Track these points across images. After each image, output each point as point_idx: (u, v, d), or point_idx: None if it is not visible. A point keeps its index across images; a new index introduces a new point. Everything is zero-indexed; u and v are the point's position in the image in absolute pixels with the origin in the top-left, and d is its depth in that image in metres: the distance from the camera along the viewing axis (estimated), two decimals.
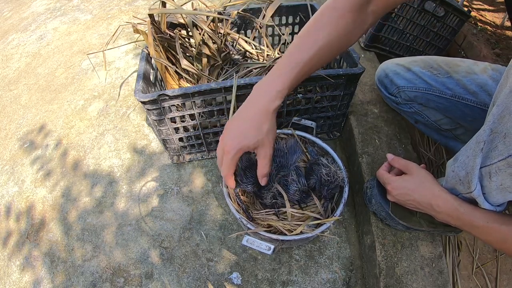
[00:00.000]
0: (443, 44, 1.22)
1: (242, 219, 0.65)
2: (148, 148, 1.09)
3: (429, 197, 0.59)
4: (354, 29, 0.57)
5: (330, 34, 0.55)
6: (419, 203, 0.60)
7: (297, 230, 0.64)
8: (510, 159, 0.42)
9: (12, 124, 1.29)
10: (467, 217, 0.54)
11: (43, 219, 0.96)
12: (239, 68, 1.00)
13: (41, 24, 1.93)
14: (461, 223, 0.56)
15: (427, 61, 0.80)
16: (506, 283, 0.76)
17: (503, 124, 0.43)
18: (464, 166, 0.51)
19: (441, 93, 0.76)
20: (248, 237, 0.63)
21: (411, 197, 0.61)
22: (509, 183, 0.43)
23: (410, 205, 0.64)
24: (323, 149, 0.79)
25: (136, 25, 0.88)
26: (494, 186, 0.46)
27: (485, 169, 0.47)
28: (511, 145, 0.42)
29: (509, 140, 0.42)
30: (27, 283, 0.84)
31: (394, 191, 0.64)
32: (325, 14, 0.57)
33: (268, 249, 0.61)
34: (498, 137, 0.44)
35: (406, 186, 0.62)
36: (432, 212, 0.60)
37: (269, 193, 0.68)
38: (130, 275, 0.82)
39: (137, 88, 0.77)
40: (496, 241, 0.53)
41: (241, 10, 1.00)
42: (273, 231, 0.67)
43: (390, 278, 0.67)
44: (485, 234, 0.53)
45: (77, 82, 1.42)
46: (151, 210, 0.93)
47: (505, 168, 0.43)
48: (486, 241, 0.55)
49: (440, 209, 0.57)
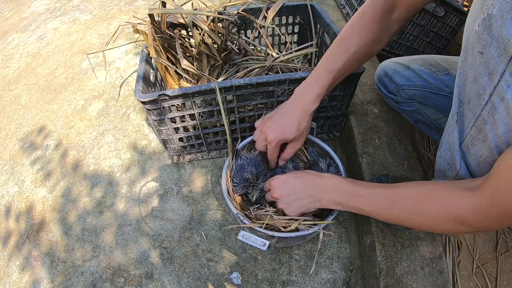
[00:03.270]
0: (443, 44, 1.22)
1: (239, 215, 0.66)
2: (148, 148, 1.09)
3: (314, 177, 0.62)
4: (381, 36, 0.62)
5: (360, 42, 0.62)
6: (306, 186, 0.62)
7: (292, 227, 0.64)
8: (477, 123, 0.43)
9: (12, 124, 1.29)
10: (352, 187, 0.57)
11: (43, 219, 0.96)
12: (239, 68, 1.00)
13: (41, 24, 1.93)
14: (346, 197, 0.57)
15: (426, 59, 0.80)
16: (506, 283, 0.76)
17: (465, 91, 0.45)
18: (448, 146, 0.51)
19: (439, 91, 0.76)
20: (244, 232, 0.63)
21: (297, 182, 0.63)
22: (486, 153, 0.43)
23: (297, 195, 0.62)
24: (323, 149, 0.79)
25: (136, 25, 0.88)
26: (475, 161, 0.46)
27: (464, 143, 0.48)
28: (474, 108, 0.43)
29: (472, 104, 0.43)
30: (27, 283, 0.84)
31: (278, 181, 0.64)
32: (355, 23, 0.63)
33: (263, 245, 0.61)
34: (465, 105, 0.46)
35: (289, 175, 0.65)
36: (319, 194, 0.61)
37: (255, 191, 0.69)
38: (130, 275, 0.82)
39: (137, 88, 0.77)
40: (383, 207, 0.52)
41: (241, 10, 1.00)
42: (270, 228, 0.67)
43: (390, 278, 0.67)
44: (371, 203, 0.54)
45: (77, 82, 1.42)
46: (151, 210, 0.93)
47: (477, 135, 0.44)
48: (373, 212, 0.55)
49: (326, 185, 0.60)
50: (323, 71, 0.64)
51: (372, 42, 0.63)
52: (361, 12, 0.63)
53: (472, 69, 0.42)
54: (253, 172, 0.70)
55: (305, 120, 0.65)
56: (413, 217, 0.49)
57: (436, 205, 0.46)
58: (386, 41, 0.65)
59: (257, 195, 0.70)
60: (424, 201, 0.47)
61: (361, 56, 0.65)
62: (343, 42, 0.64)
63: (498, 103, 0.39)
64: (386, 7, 0.60)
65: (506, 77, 0.37)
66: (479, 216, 0.41)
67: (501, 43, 0.36)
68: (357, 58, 0.64)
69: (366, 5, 0.62)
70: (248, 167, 0.71)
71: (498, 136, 0.40)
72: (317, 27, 1.04)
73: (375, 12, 0.61)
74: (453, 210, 0.44)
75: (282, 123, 0.66)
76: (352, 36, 0.63)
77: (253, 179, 0.70)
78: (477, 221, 0.42)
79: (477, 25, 0.39)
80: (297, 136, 0.66)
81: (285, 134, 0.65)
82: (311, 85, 0.65)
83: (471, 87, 0.44)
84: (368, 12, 0.62)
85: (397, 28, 0.63)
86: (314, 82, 0.65)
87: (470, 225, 0.43)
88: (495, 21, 0.37)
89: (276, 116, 0.68)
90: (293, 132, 0.65)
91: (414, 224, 0.50)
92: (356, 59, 0.64)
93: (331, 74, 0.63)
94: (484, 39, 0.39)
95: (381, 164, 0.85)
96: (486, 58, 0.39)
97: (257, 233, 0.64)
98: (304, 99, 0.65)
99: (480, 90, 0.42)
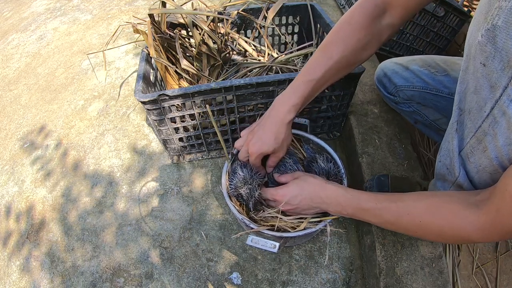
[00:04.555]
0: (443, 44, 1.22)
1: (244, 220, 0.65)
2: (148, 148, 1.09)
3: (318, 190, 0.61)
4: (369, 43, 0.58)
5: (344, 50, 0.58)
6: (311, 199, 0.61)
7: (301, 226, 0.64)
8: (478, 134, 0.43)
9: (12, 124, 1.29)
10: (354, 201, 0.56)
11: (43, 219, 0.96)
12: (239, 68, 1.00)
13: (41, 24, 1.93)
14: (351, 209, 0.57)
15: (426, 60, 0.80)
16: (506, 283, 0.76)
17: (466, 101, 0.44)
18: (447, 152, 0.51)
19: (438, 92, 0.76)
20: (253, 237, 0.63)
21: (302, 196, 0.62)
22: (486, 162, 0.43)
23: (303, 206, 0.63)
24: (319, 146, 0.79)
25: (136, 25, 0.88)
26: (474, 168, 0.46)
27: (463, 151, 0.47)
28: (475, 119, 0.42)
29: (473, 114, 0.43)
30: (27, 283, 0.84)
31: (285, 197, 0.63)
32: (341, 29, 0.59)
33: (273, 247, 0.62)
34: (465, 115, 0.45)
35: (294, 189, 0.63)
36: (323, 206, 0.61)
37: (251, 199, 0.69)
38: (130, 275, 0.82)
39: (137, 88, 0.77)
40: (389, 221, 0.53)
41: (241, 10, 1.00)
42: (276, 229, 0.67)
43: (390, 278, 0.67)
44: (377, 216, 0.54)
45: (77, 82, 1.42)
46: (151, 210, 0.93)
47: (477, 145, 0.44)
48: (379, 224, 0.55)
49: (330, 199, 0.59)
50: (302, 81, 0.61)
51: (359, 49, 0.58)
52: (349, 16, 0.58)
53: (474, 80, 0.41)
54: (245, 171, 0.70)
55: (282, 132, 0.63)
56: (419, 231, 0.50)
57: (441, 222, 0.46)
58: (375, 49, 0.61)
59: (254, 196, 0.69)
60: (429, 217, 0.48)
61: (345, 65, 0.60)
62: (326, 49, 0.60)
63: (500, 117, 0.38)
64: (376, 11, 0.56)
65: (508, 92, 0.36)
66: (482, 233, 0.42)
67: (505, 56, 0.35)
68: (340, 67, 0.60)
69: (355, 8, 0.58)
70: (242, 168, 0.70)
71: (498, 148, 0.40)
72: (317, 27, 1.05)
73: (364, 17, 0.56)
74: (457, 227, 0.44)
75: (260, 136, 0.64)
76: (337, 42, 0.59)
77: (247, 180, 0.69)
78: (479, 237, 0.43)
79: (481, 35, 0.38)
80: (276, 149, 0.65)
81: (263, 147, 0.64)
82: (289, 95, 0.62)
83: (472, 98, 0.43)
84: (356, 16, 0.57)
85: (388, 34, 0.59)
86: (292, 92, 0.62)
87: (473, 240, 0.44)
88: (499, 33, 0.35)
89: (257, 128, 0.66)
90: (271, 145, 0.64)
91: (421, 237, 0.52)
92: (339, 68, 0.60)
93: (310, 84, 0.60)
94: (487, 50, 0.37)
95: (381, 164, 0.85)
96: (488, 71, 0.38)
97: (264, 236, 0.64)
98: (280, 109, 0.63)
99: (481, 101, 0.41)
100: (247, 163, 0.71)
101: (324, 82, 0.62)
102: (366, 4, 0.56)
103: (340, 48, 0.58)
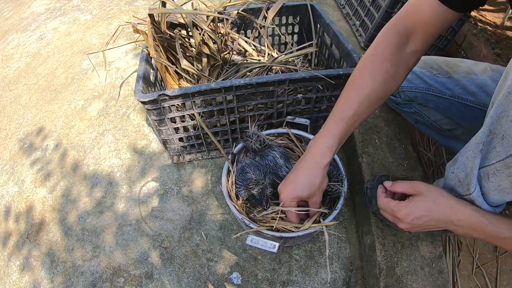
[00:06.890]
0: (443, 44, 1.22)
1: (244, 219, 0.65)
2: (148, 148, 1.09)
3: (448, 213, 0.54)
4: (396, 72, 0.57)
5: (373, 83, 0.57)
6: (438, 221, 0.55)
7: (305, 226, 0.64)
8: (507, 161, 0.42)
9: (12, 124, 1.29)
10: (493, 229, 0.50)
11: (43, 219, 0.96)
12: (239, 68, 1.00)
13: (41, 24, 1.93)
14: (485, 235, 0.52)
15: (427, 62, 0.80)
16: (506, 283, 0.76)
17: (501, 125, 0.43)
18: (464, 167, 0.50)
19: (440, 93, 0.76)
20: (252, 236, 0.63)
21: (429, 217, 0.55)
22: (507, 185, 0.43)
23: (427, 227, 0.57)
24: None
25: (136, 25, 0.88)
26: (492, 187, 0.46)
27: (484, 170, 0.47)
28: (509, 147, 0.42)
29: (507, 141, 0.42)
30: (27, 283, 0.84)
31: (409, 217, 0.56)
32: (367, 62, 0.58)
33: (273, 247, 0.61)
34: (496, 138, 0.44)
35: (420, 208, 0.56)
36: (451, 227, 0.55)
37: (258, 187, 0.69)
38: (130, 275, 0.82)
39: (137, 88, 0.77)
40: None
41: (241, 10, 1.00)
42: (275, 229, 0.67)
43: (390, 278, 0.67)
44: None
45: (77, 82, 1.42)
46: (151, 210, 0.93)
47: (503, 169, 0.43)
48: None
49: (462, 223, 0.53)
50: (334, 120, 0.59)
51: (387, 80, 0.57)
52: (373, 48, 0.58)
53: None
54: (256, 172, 0.69)
55: (318, 176, 0.61)
56: None
57: None
58: (404, 77, 0.60)
59: (264, 193, 0.69)
60: None
61: (375, 99, 0.58)
62: (355, 84, 0.59)
63: None
64: (399, 40, 0.55)
65: None
66: None
67: None
68: (371, 100, 0.58)
69: (378, 40, 0.57)
70: (250, 168, 0.70)
71: None
72: (317, 27, 1.04)
73: (388, 47, 0.56)
74: None
75: (294, 179, 0.63)
76: (365, 76, 0.58)
77: (258, 179, 0.69)
78: None
79: None
80: (312, 193, 0.62)
81: (297, 192, 0.62)
82: (322, 136, 0.61)
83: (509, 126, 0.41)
84: (380, 48, 0.57)
85: (414, 61, 0.58)
86: (325, 134, 0.61)
87: None
88: None
89: (291, 172, 0.65)
90: (305, 189, 0.61)
91: None
92: (370, 102, 0.58)
93: (342, 123, 0.58)
94: None
95: (381, 164, 0.85)
96: None
97: (264, 236, 0.64)
98: (315, 152, 0.61)
99: None
100: (254, 162, 0.71)
101: (357, 119, 0.59)
102: (389, 34, 0.56)
103: (368, 81, 0.57)
